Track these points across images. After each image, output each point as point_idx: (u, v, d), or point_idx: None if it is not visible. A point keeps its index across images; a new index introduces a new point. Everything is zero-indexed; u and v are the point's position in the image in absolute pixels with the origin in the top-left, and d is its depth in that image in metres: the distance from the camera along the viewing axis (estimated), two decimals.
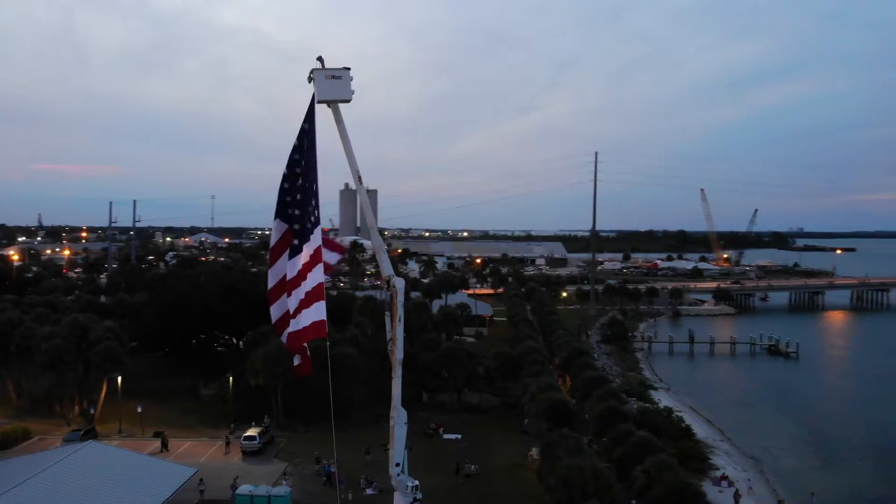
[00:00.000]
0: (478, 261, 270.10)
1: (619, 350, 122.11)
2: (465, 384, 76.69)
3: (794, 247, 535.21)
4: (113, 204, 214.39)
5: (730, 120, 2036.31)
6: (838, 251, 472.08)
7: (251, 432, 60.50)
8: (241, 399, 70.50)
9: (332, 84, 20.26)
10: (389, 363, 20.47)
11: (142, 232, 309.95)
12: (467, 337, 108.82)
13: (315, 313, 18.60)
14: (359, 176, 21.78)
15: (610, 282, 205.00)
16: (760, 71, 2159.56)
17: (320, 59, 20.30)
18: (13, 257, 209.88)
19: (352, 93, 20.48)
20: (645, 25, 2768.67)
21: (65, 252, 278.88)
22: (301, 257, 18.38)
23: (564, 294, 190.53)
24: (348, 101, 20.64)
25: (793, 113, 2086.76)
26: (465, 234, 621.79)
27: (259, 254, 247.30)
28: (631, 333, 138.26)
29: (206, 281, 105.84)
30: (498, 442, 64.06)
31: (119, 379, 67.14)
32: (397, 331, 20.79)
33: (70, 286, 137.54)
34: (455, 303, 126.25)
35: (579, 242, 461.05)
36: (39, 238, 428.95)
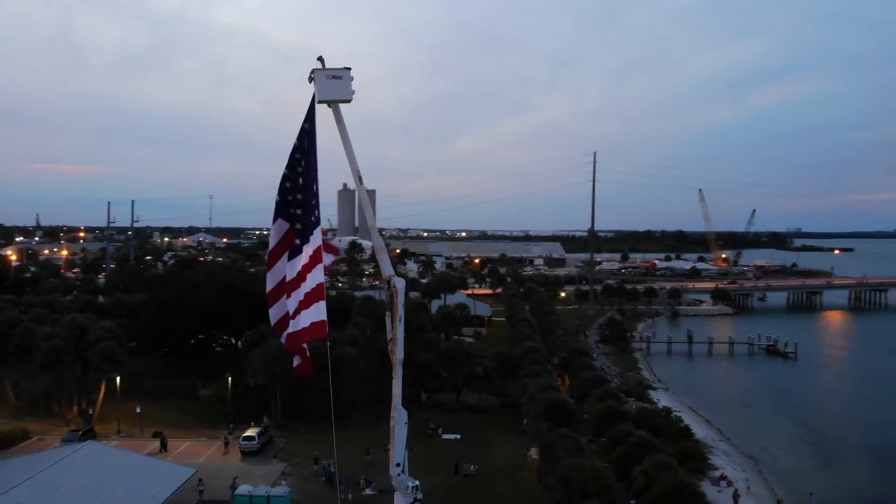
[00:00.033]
0: (476, 261, 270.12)
1: (618, 350, 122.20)
2: (464, 384, 76.77)
3: (792, 247, 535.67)
4: (110, 204, 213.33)
5: (728, 120, 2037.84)
6: (836, 251, 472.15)
7: (250, 432, 60.45)
8: (240, 399, 70.46)
9: (333, 84, 20.22)
10: (389, 363, 20.47)
11: (139, 232, 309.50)
12: (466, 337, 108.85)
13: (314, 314, 18.57)
14: (359, 176, 21.71)
15: (608, 282, 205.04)
16: (759, 71, 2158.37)
17: (321, 59, 20.25)
18: (11, 257, 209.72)
19: (352, 93, 20.43)
20: (644, 25, 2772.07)
21: (63, 252, 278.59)
22: (301, 259, 18.33)
23: (563, 294, 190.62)
24: (349, 102, 20.60)
25: (791, 113, 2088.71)
26: (464, 235, 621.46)
27: (257, 254, 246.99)
28: (629, 333, 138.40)
29: (205, 281, 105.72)
30: (497, 442, 64.07)
31: (118, 379, 67.11)
32: (398, 331, 20.77)
33: (68, 286, 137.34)
34: (454, 303, 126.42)
35: (577, 242, 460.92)
36: (37, 238, 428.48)
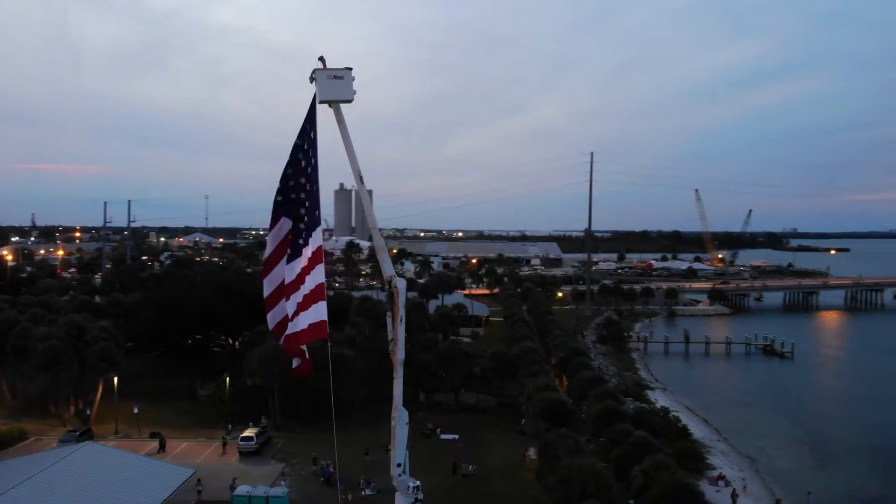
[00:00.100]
0: (473, 261, 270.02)
1: (615, 350, 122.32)
2: (462, 384, 76.75)
3: (788, 247, 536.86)
4: (107, 204, 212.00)
5: (726, 120, 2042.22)
6: (832, 251, 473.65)
7: (248, 433, 60.35)
8: (238, 399, 70.34)
9: (334, 84, 20.17)
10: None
11: (136, 232, 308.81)
12: (464, 337, 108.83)
13: (313, 315, 18.55)
14: (360, 176, 21.66)
15: (605, 282, 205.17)
16: (758, 71, 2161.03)
17: (322, 59, 20.20)
18: (7, 257, 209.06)
19: (354, 93, 20.37)
20: (642, 25, 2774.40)
21: (59, 252, 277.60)
22: (300, 261, 18.31)
23: (560, 294, 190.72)
24: (350, 102, 20.53)
25: (789, 113, 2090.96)
26: (460, 235, 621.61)
27: (254, 254, 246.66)
28: (626, 334, 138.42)
29: (202, 281, 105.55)
30: (495, 442, 64.06)
31: (115, 379, 66.97)
32: (399, 331, 20.72)
33: (65, 286, 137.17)
34: (451, 303, 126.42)
35: (574, 243, 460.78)
36: (33, 238, 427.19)
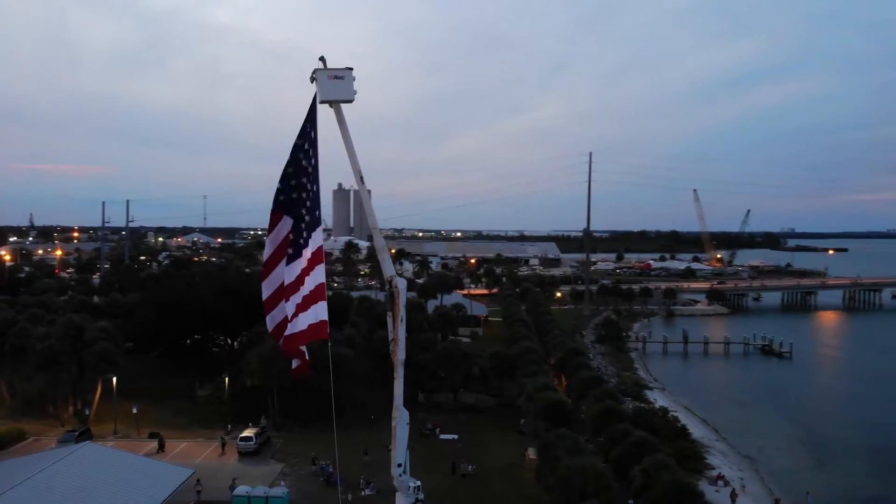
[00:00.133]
0: (472, 261, 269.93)
1: (614, 350, 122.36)
2: (462, 384, 76.74)
3: (786, 247, 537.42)
4: (105, 204, 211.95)
5: (724, 121, 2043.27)
6: (830, 251, 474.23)
7: (248, 433, 60.29)
8: (237, 400, 70.28)
9: (335, 84, 20.14)
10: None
11: (134, 232, 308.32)
12: (462, 337, 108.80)
13: (313, 316, 18.54)
14: (361, 176, 21.63)
15: (604, 282, 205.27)
16: (757, 71, 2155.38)
17: (322, 59, 20.17)
18: (5, 257, 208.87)
19: (354, 93, 20.34)
20: (641, 25, 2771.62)
21: (57, 252, 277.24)
22: (300, 262, 18.28)
23: (559, 294, 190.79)
24: (351, 102, 20.49)
25: (788, 113, 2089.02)
26: (459, 235, 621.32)
27: (252, 254, 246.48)
28: (625, 333, 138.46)
29: (200, 281, 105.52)
30: (494, 442, 64.05)
31: (114, 380, 66.91)
32: (399, 331, 20.69)
33: (63, 286, 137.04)
34: (450, 303, 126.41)
35: (572, 243, 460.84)
36: (31, 238, 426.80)
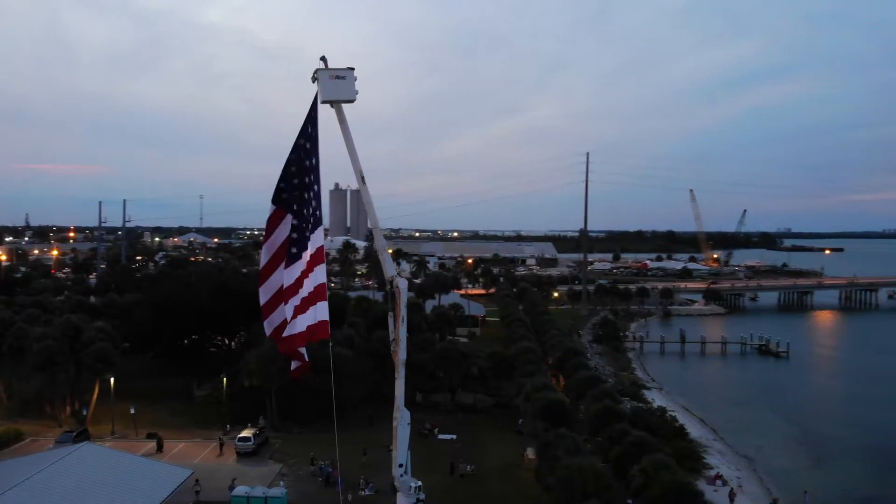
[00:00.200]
0: (469, 261, 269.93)
1: (611, 350, 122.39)
2: (460, 384, 76.70)
3: (782, 247, 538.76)
4: (101, 203, 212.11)
5: (723, 121, 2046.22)
6: (827, 251, 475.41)
7: (246, 433, 60.22)
8: (235, 400, 70.18)
9: (336, 84, 20.09)
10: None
11: (130, 232, 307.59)
12: (460, 337, 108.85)
13: (313, 316, 18.51)
14: (362, 176, 21.60)
15: (601, 282, 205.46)
16: (755, 72, 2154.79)
17: (323, 59, 20.13)
18: (1, 257, 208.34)
19: (356, 93, 20.30)
20: (640, 25, 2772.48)
21: (53, 252, 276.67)
22: (299, 264, 18.24)
23: (556, 294, 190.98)
24: (352, 102, 20.46)
25: (785, 114, 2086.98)
26: (456, 235, 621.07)
27: (250, 254, 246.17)
28: (622, 333, 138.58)
29: (198, 281, 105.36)
30: (492, 442, 64.05)
31: (111, 380, 66.77)
32: (400, 331, 20.67)
33: (59, 286, 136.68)
34: (448, 303, 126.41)
35: (569, 243, 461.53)
36: (27, 238, 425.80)
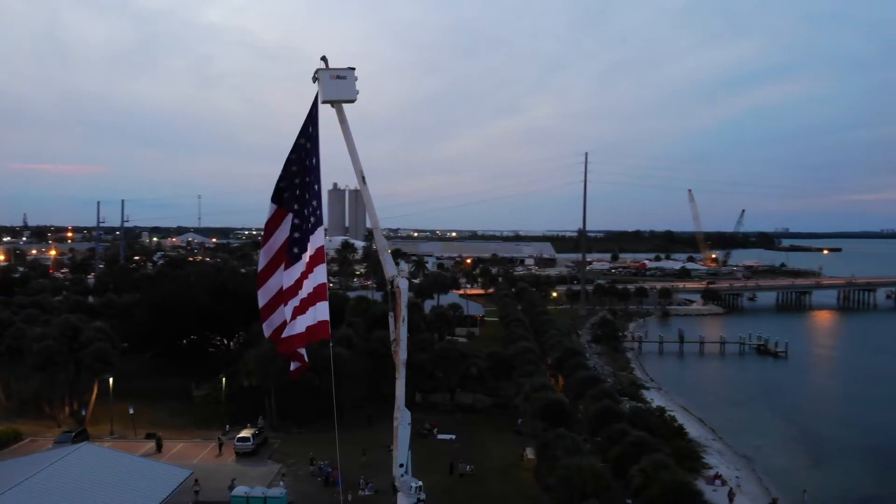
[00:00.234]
0: (468, 261, 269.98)
1: (610, 350, 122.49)
2: (459, 384, 76.67)
3: (780, 247, 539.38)
4: (100, 203, 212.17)
5: (722, 121, 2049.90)
6: (825, 251, 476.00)
7: (245, 433, 60.20)
8: (234, 400, 70.15)
9: (337, 84, 20.10)
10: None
11: (128, 232, 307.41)
12: (459, 337, 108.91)
13: (313, 316, 18.47)
14: (363, 176, 21.62)
15: (599, 282, 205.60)
16: (755, 72, 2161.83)
17: (324, 59, 20.16)
18: None
19: (357, 93, 20.34)
20: (639, 26, 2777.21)
21: (51, 252, 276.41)
22: (299, 265, 18.22)
23: (554, 294, 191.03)
24: (353, 101, 20.50)
25: (783, 114, 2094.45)
26: (454, 235, 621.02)
27: (248, 254, 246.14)
28: (621, 333, 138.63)
29: (196, 281, 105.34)
30: (492, 442, 64.06)
31: (110, 380, 66.70)
32: (401, 331, 20.69)
33: (57, 287, 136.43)
34: (446, 303, 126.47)
35: (567, 243, 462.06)
36: (25, 238, 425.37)
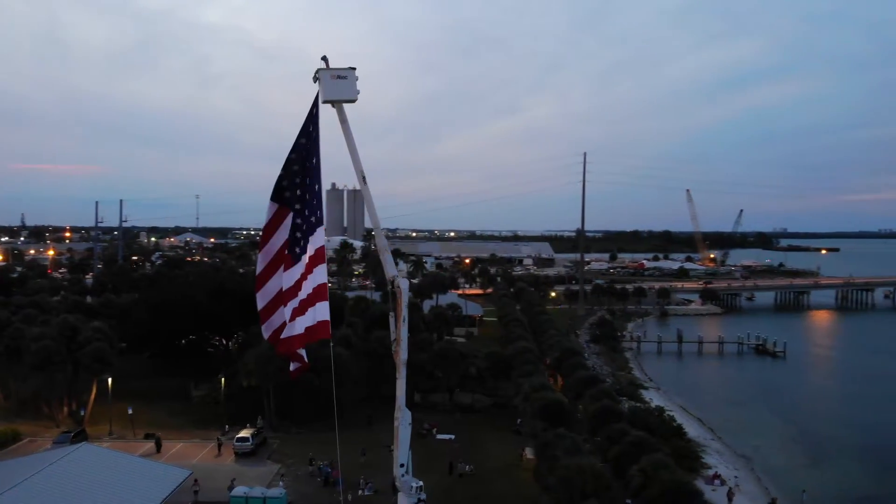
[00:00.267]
0: (466, 261, 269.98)
1: (609, 350, 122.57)
2: (458, 384, 76.68)
3: (779, 247, 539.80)
4: (98, 203, 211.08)
5: (721, 121, 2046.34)
6: (823, 251, 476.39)
7: (244, 433, 60.18)
8: (233, 400, 70.11)
9: (338, 84, 20.10)
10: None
11: (126, 232, 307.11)
12: (458, 337, 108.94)
13: (312, 317, 18.45)
14: (363, 176, 21.63)
15: (598, 282, 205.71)
16: (754, 72, 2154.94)
17: (325, 59, 20.15)
18: None
19: (357, 93, 20.35)
20: (638, 26, 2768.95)
21: (49, 252, 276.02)
22: (299, 266, 18.19)
23: (553, 294, 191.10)
24: (353, 101, 20.51)
25: (782, 114, 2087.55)
26: (453, 235, 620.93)
27: (246, 254, 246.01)
28: (620, 333, 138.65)
29: (195, 281, 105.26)
30: (491, 442, 64.10)
31: (109, 380, 66.65)
32: (402, 331, 20.69)
33: (56, 286, 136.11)
34: (445, 303, 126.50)
35: (565, 243, 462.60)
36: (23, 238, 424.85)
